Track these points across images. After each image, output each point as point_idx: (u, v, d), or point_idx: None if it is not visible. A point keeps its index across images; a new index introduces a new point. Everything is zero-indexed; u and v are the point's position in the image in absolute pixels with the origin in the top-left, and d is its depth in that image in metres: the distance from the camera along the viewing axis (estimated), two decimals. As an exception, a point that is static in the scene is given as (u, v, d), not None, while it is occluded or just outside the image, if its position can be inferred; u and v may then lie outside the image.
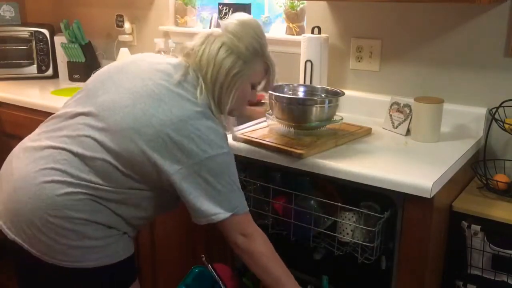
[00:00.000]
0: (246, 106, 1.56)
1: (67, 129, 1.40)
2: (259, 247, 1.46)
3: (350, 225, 1.64)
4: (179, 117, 1.32)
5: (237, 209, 1.39)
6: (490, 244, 1.61)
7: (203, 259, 1.68)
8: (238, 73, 1.39)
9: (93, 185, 1.35)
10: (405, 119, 1.92)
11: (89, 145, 1.35)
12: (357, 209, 1.62)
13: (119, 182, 1.36)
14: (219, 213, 1.37)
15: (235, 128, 1.82)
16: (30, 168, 1.38)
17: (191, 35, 2.69)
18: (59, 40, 2.93)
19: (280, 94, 1.84)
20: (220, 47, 1.39)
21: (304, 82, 2.17)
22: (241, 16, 1.46)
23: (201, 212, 1.38)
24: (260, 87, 1.52)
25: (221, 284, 1.64)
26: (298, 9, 2.35)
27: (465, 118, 1.95)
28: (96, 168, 1.34)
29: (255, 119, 2.01)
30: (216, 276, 1.64)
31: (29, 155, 1.41)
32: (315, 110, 1.77)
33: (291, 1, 2.36)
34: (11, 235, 1.38)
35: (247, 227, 1.44)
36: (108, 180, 1.35)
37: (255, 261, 1.47)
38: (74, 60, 2.90)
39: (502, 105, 1.80)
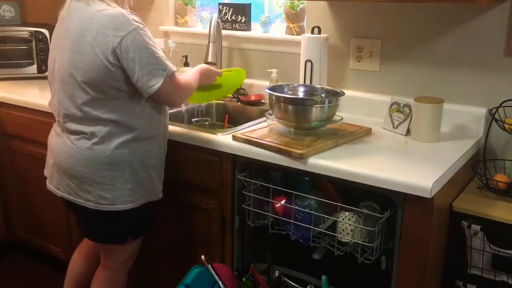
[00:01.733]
0: None
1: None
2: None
3: (350, 225, 1.64)
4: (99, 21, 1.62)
5: (166, 72, 1.63)
6: (490, 244, 1.61)
7: (203, 259, 1.68)
8: None
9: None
10: (405, 119, 1.92)
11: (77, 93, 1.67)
12: (357, 209, 1.62)
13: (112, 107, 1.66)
14: (155, 84, 1.62)
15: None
16: (60, 140, 1.76)
17: (191, 35, 2.71)
18: (59, 40, 2.93)
19: (280, 94, 1.84)
20: None
21: (304, 82, 2.17)
22: None
23: (140, 86, 1.62)
24: None
25: (220, 284, 1.64)
26: (298, 9, 2.35)
27: (465, 118, 1.95)
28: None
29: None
30: (216, 276, 1.64)
31: (56, 134, 1.80)
32: (315, 110, 1.77)
33: (291, 1, 2.36)
34: (59, 193, 1.78)
35: (177, 85, 1.71)
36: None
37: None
38: (74, 60, 2.89)
39: (502, 105, 1.80)
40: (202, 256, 1.70)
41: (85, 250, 2.06)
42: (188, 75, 1.84)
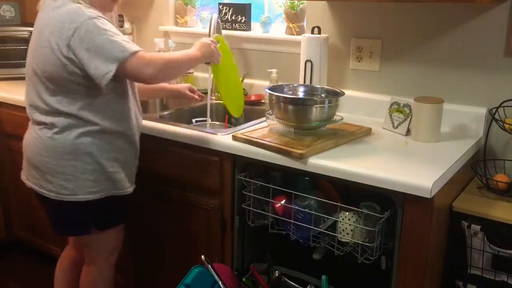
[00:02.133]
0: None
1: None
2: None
3: (350, 225, 1.64)
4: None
5: (123, 55, 1.59)
6: (490, 244, 1.61)
7: (203, 259, 1.68)
8: None
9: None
10: (405, 119, 1.92)
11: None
12: (357, 209, 1.61)
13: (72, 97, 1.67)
14: (109, 70, 1.58)
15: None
16: (28, 131, 1.80)
17: (191, 35, 2.71)
18: (59, 40, 2.93)
19: (280, 94, 1.84)
20: None
21: (304, 82, 2.17)
22: None
23: (96, 75, 1.59)
24: None
25: (220, 284, 1.64)
26: (298, 9, 2.35)
27: (465, 118, 1.95)
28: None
29: (183, 98, 2.24)
30: (216, 276, 1.64)
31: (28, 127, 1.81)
32: (315, 110, 1.77)
33: (291, 1, 2.35)
34: (28, 184, 1.80)
35: (144, 61, 1.63)
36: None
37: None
38: (74, 60, 2.89)
39: (502, 105, 1.80)
40: (202, 256, 1.70)
41: (69, 253, 2.08)
42: (176, 52, 1.89)
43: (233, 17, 2.53)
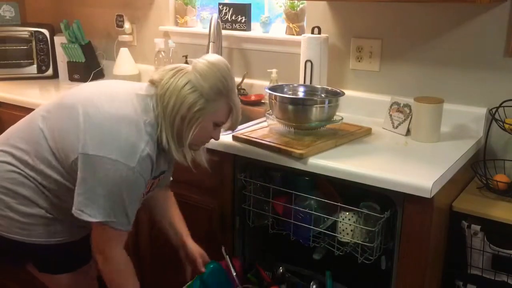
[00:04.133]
0: (206, 142, 1.59)
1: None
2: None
3: (350, 225, 1.64)
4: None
5: (117, 224, 1.41)
6: (490, 244, 1.61)
7: (223, 250, 1.73)
8: (199, 110, 1.43)
9: (24, 158, 1.49)
10: (405, 119, 1.92)
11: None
12: (357, 209, 1.62)
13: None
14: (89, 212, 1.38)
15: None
16: None
17: (191, 35, 2.71)
18: (59, 40, 2.93)
19: (280, 94, 1.84)
20: (186, 83, 1.43)
21: (304, 82, 2.17)
22: (212, 57, 1.50)
23: (76, 208, 1.40)
24: (225, 126, 1.57)
25: (234, 276, 1.69)
26: (298, 9, 2.34)
27: (465, 118, 1.95)
28: (33, 143, 1.49)
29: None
30: (232, 268, 1.70)
31: None
32: (315, 110, 1.77)
33: (291, 1, 2.35)
34: None
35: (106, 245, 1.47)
36: (36, 155, 1.48)
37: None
38: (74, 60, 2.89)
39: (502, 105, 1.80)
40: (222, 248, 1.74)
41: None
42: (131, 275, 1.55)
43: (233, 17, 2.53)
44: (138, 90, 1.48)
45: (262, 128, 1.90)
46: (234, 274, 1.70)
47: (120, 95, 1.48)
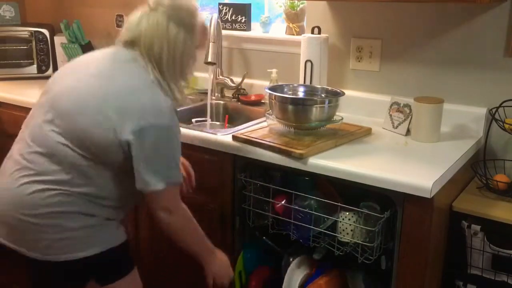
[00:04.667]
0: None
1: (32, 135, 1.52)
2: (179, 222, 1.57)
3: (350, 225, 1.64)
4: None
5: (170, 181, 1.47)
6: (490, 244, 1.61)
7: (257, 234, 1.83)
8: (191, 39, 1.49)
9: (58, 178, 1.43)
10: (405, 119, 1.92)
11: (49, 141, 1.45)
12: (357, 209, 1.62)
13: (80, 168, 1.43)
14: (154, 184, 1.43)
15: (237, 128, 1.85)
16: (5, 179, 1.50)
17: (191, 35, 2.70)
18: (59, 40, 2.93)
19: (280, 94, 1.84)
20: (168, 24, 1.46)
21: (304, 82, 2.17)
22: None
23: (140, 181, 1.43)
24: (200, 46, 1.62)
25: (275, 247, 1.81)
26: (298, 9, 2.34)
27: (465, 118, 1.95)
28: (60, 159, 1.43)
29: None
30: (272, 244, 1.80)
31: (7, 170, 1.53)
32: (315, 110, 1.77)
33: (291, 1, 2.35)
34: (2, 241, 1.52)
35: (172, 201, 1.52)
36: (70, 168, 1.43)
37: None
38: (74, 60, 2.89)
39: (502, 105, 1.80)
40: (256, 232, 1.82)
41: None
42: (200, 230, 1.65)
43: (233, 17, 2.53)
44: (121, 58, 1.50)
45: (262, 128, 1.90)
46: (276, 247, 1.74)
47: (111, 71, 1.48)
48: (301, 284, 1.78)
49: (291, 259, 1.84)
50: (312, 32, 2.18)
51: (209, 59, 2.34)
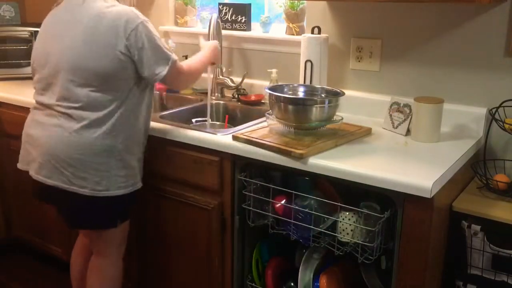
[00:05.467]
0: None
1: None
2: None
3: (350, 225, 1.64)
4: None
5: (170, 61, 1.80)
6: (490, 244, 1.61)
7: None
8: None
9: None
10: (405, 119, 1.92)
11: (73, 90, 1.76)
12: (357, 209, 1.62)
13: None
14: (161, 71, 1.79)
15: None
16: (52, 129, 1.79)
17: (191, 35, 2.71)
18: (59, 40, 2.93)
19: (280, 94, 1.84)
20: None
21: (304, 82, 2.17)
22: None
23: (149, 75, 1.78)
24: None
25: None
26: (298, 9, 2.35)
27: (465, 118, 1.95)
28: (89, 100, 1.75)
29: None
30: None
31: (40, 123, 1.83)
32: (315, 110, 1.77)
33: (291, 1, 2.36)
34: (49, 181, 1.78)
35: (180, 72, 1.88)
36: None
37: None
38: (74, 60, 2.89)
39: (502, 105, 1.80)
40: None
41: (81, 248, 2.10)
42: (194, 59, 2.04)
43: (233, 17, 2.53)
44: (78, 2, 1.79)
45: (262, 128, 1.90)
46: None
47: (78, 15, 1.78)
48: (316, 271, 1.80)
49: (304, 250, 1.86)
50: (312, 32, 2.18)
51: (209, 59, 2.34)
